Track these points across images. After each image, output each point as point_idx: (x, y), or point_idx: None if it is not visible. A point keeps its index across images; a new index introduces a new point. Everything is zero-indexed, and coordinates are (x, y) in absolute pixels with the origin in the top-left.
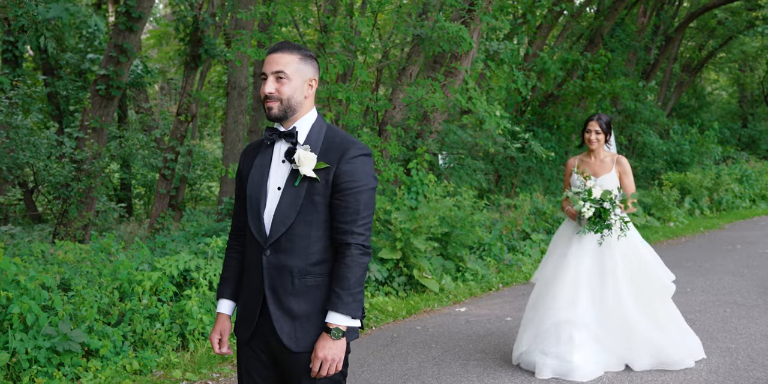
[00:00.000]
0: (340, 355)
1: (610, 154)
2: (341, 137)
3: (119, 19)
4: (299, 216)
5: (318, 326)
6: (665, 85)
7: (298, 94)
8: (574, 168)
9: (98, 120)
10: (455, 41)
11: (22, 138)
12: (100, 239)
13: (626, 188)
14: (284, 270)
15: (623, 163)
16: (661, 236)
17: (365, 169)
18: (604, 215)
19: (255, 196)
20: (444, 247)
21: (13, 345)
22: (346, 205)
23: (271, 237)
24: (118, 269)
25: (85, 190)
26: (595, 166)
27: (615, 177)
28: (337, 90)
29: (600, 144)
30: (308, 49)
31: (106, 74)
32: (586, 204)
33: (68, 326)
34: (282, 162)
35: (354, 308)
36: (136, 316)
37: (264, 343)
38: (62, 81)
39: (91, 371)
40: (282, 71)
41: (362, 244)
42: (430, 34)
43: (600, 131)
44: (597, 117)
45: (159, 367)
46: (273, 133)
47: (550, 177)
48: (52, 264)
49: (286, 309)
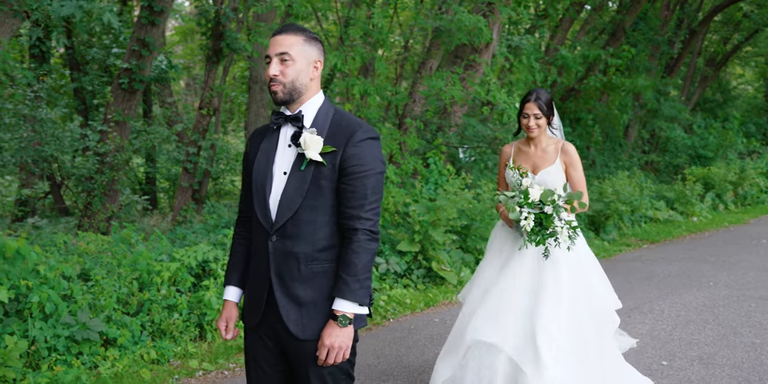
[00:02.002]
0: (347, 342)
1: (554, 141)
2: (348, 120)
3: (142, 13)
4: (305, 201)
5: (325, 313)
6: (689, 79)
7: (303, 76)
8: (510, 160)
9: (121, 113)
10: (474, 33)
11: (47, 131)
12: (120, 231)
13: (574, 183)
14: (290, 256)
15: (570, 152)
16: (684, 231)
17: (373, 152)
18: (546, 222)
19: (261, 181)
20: (463, 239)
21: (33, 333)
22: (353, 189)
23: (277, 222)
24: (138, 260)
25: (108, 182)
26: (536, 157)
27: (560, 170)
28: (354, 83)
29: (541, 130)
30: (313, 32)
31: (128, 68)
32: (523, 211)
33: (87, 315)
34: (288, 146)
35: (361, 295)
36: (155, 306)
37: (271, 330)
38: (88, 76)
39: (109, 360)
40: (286, 53)
41: (370, 229)
42: (448, 26)
43: (540, 115)
44: (535, 96)
45: (176, 357)
46: (279, 117)
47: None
48: (73, 254)
49: (292, 296)
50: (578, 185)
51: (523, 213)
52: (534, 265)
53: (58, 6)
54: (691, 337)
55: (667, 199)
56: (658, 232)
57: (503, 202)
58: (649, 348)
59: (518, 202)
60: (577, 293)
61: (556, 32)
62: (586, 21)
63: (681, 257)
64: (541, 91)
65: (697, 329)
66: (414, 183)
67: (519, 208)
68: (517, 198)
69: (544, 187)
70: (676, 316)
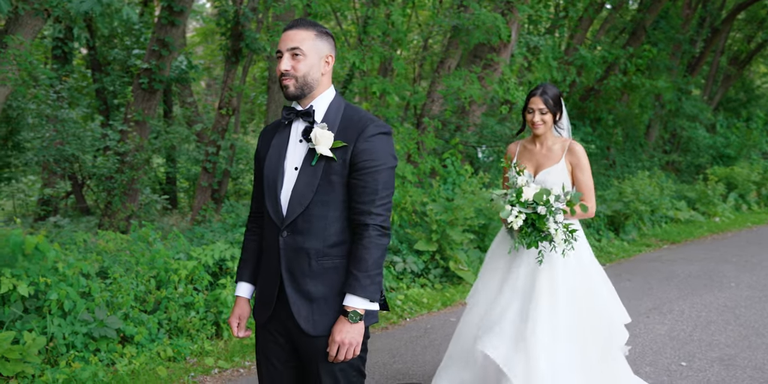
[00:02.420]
0: (358, 339)
1: (561, 139)
2: (360, 115)
3: (162, 13)
4: (316, 196)
5: (336, 309)
6: (711, 78)
7: (315, 71)
8: (514, 159)
9: (141, 113)
10: (492, 32)
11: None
12: (139, 229)
13: (581, 186)
14: (301, 252)
15: (577, 152)
16: (706, 231)
17: (384, 147)
18: (539, 224)
19: (272, 177)
20: (481, 239)
21: (51, 330)
22: (364, 184)
23: (288, 218)
24: (156, 258)
25: (128, 182)
26: (540, 155)
27: (564, 170)
28: (372, 82)
29: (547, 127)
30: (324, 26)
31: (148, 68)
32: (513, 209)
33: (104, 313)
34: (299, 141)
35: (372, 291)
36: (172, 304)
37: (282, 326)
38: (109, 77)
39: (126, 357)
40: (297, 48)
41: (381, 224)
42: (465, 24)
43: (546, 110)
44: (541, 91)
45: (192, 355)
46: (290, 113)
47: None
48: (92, 253)
49: (303, 291)
50: (584, 189)
51: (513, 212)
52: (530, 270)
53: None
54: (712, 338)
55: (688, 199)
56: (678, 233)
57: (494, 200)
58: (668, 349)
59: (509, 201)
60: (577, 301)
61: (575, 32)
62: (605, 20)
63: (702, 257)
64: (548, 86)
65: (718, 330)
66: (431, 182)
67: (510, 207)
68: (509, 196)
69: (542, 187)
70: (697, 316)
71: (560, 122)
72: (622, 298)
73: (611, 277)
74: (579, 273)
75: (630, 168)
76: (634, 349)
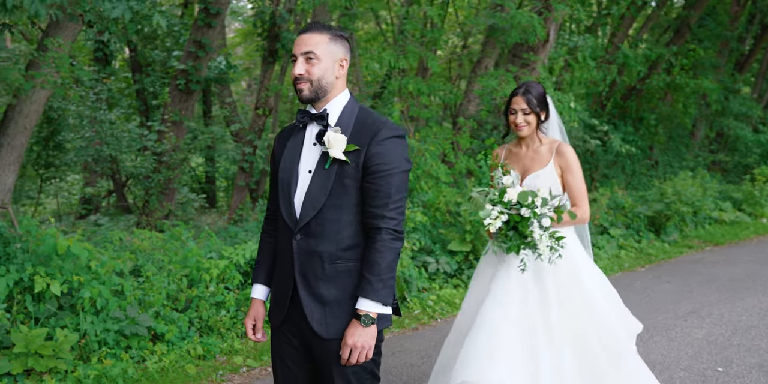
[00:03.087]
0: (370, 342)
1: (548, 141)
2: (373, 118)
3: (198, 15)
4: (329, 199)
5: (348, 312)
6: (761, 76)
7: (329, 75)
8: (500, 162)
9: (178, 114)
10: (529, 31)
11: (106, 131)
12: (173, 228)
13: (571, 191)
14: (314, 255)
15: (566, 154)
16: (752, 233)
17: (397, 151)
18: (522, 227)
19: (286, 180)
20: None
21: (84, 327)
22: (377, 188)
23: (301, 221)
24: (188, 257)
25: (165, 181)
26: (527, 158)
27: (553, 174)
28: (407, 82)
29: (532, 128)
30: (339, 29)
31: (185, 69)
32: (494, 209)
33: (136, 311)
34: (313, 145)
35: (384, 295)
36: (203, 302)
37: (296, 328)
38: (150, 78)
39: (156, 354)
40: (311, 52)
41: (394, 228)
42: (501, 24)
43: (529, 110)
44: (523, 89)
45: (222, 353)
46: (304, 116)
47: (632, 171)
48: (125, 251)
49: (316, 294)
50: (576, 193)
51: (493, 212)
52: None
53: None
54: (752, 343)
55: (734, 199)
56: (722, 234)
57: (473, 199)
58: (705, 353)
59: (491, 199)
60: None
61: (617, 30)
62: (648, 18)
63: (746, 260)
64: (531, 84)
65: (759, 335)
66: (466, 183)
67: (491, 207)
68: (491, 194)
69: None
70: (737, 320)
71: (547, 123)
72: (660, 301)
73: (650, 279)
74: (573, 283)
75: (673, 168)
76: (669, 354)
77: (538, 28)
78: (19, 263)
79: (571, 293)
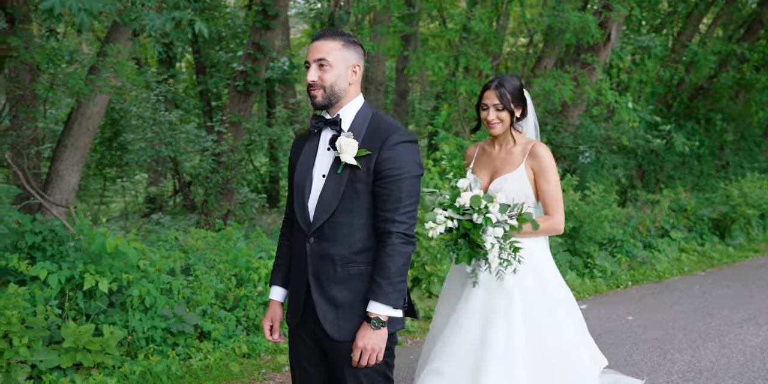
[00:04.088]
0: (380, 345)
1: (524, 141)
2: (386, 124)
3: (256, 17)
4: (341, 203)
5: (360, 315)
6: None
7: (342, 81)
8: (471, 164)
9: (237, 114)
10: (585, 31)
11: (166, 132)
12: (224, 228)
13: (544, 197)
14: (327, 258)
15: (540, 156)
16: None
17: (408, 156)
18: (474, 235)
19: (301, 184)
20: (572, 242)
21: (132, 324)
22: (388, 192)
23: (315, 224)
24: (238, 257)
25: (223, 181)
26: (498, 159)
27: (524, 177)
28: (461, 82)
29: (504, 126)
30: (352, 36)
31: (244, 71)
32: (442, 213)
33: (183, 309)
34: (327, 150)
35: (395, 298)
36: (250, 302)
37: (310, 330)
38: (213, 79)
39: (202, 352)
40: (324, 59)
41: (404, 232)
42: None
43: (501, 106)
44: (496, 83)
45: (267, 352)
46: (319, 121)
47: (700, 173)
48: (177, 250)
49: (329, 297)
50: (549, 199)
51: (439, 216)
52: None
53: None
54: None
55: None
56: None
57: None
58: (757, 362)
59: (440, 202)
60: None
61: (684, 28)
62: (717, 15)
63: None
64: (506, 78)
65: None
66: None
67: (440, 211)
68: (442, 197)
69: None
70: None
71: (523, 121)
72: (717, 306)
73: (709, 284)
74: (539, 300)
75: (744, 169)
76: (719, 361)
77: (593, 28)
78: (71, 261)
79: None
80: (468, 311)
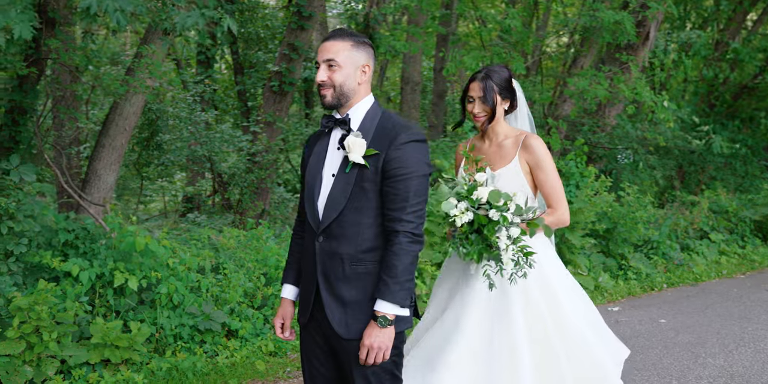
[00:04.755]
0: (387, 343)
1: (515, 133)
2: (394, 123)
3: (291, 18)
4: (349, 202)
5: (368, 314)
6: None
7: (351, 81)
8: (462, 161)
9: (272, 115)
10: (621, 31)
11: (201, 132)
12: (256, 228)
13: (544, 189)
14: (335, 256)
15: (534, 148)
16: None
17: (416, 155)
18: (488, 232)
19: (311, 183)
20: (606, 244)
21: (161, 321)
22: (395, 192)
23: (323, 223)
24: (267, 256)
25: (258, 181)
26: (489, 154)
27: (519, 172)
28: None
29: (493, 119)
30: (362, 36)
31: (279, 71)
32: (460, 204)
33: (211, 307)
34: (337, 149)
35: (402, 297)
36: (278, 300)
37: (320, 328)
38: (251, 79)
39: (229, 350)
40: (333, 59)
41: (412, 231)
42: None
43: (485, 99)
44: (483, 74)
45: (293, 350)
46: (329, 121)
47: (743, 173)
48: (207, 249)
49: (337, 295)
50: (549, 191)
51: (459, 206)
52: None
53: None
54: None
55: None
56: None
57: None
58: None
59: (458, 193)
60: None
61: (728, 25)
62: (763, 10)
63: None
64: (494, 68)
65: None
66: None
67: (456, 202)
68: (459, 187)
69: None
70: None
71: (514, 113)
72: (754, 310)
73: (748, 287)
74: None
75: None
76: (753, 366)
77: (628, 26)
78: (102, 259)
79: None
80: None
